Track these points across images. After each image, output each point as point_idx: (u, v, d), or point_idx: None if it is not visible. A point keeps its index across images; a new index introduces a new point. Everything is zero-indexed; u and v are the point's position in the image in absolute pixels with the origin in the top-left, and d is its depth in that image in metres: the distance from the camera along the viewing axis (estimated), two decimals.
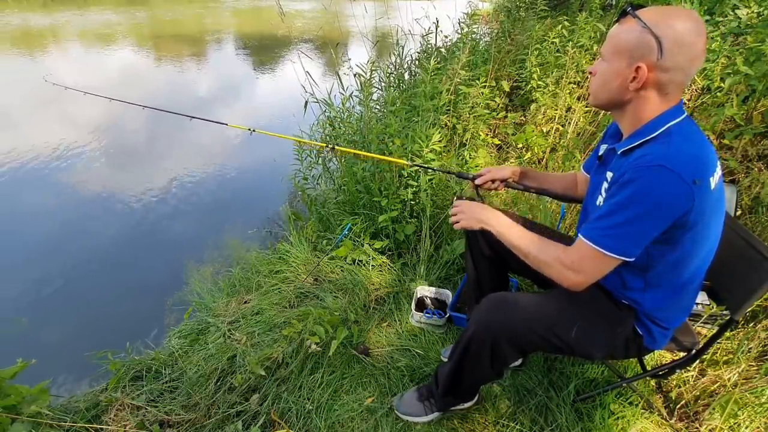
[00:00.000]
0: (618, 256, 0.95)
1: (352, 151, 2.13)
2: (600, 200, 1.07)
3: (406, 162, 1.84)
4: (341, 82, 2.86)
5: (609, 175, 1.04)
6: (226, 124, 2.12)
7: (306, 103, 2.78)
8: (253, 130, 2.00)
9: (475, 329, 1.13)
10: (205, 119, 2.11)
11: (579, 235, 1.00)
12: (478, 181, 1.47)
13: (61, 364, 2.16)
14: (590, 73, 1.05)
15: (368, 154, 2.10)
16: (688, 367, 1.39)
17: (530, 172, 1.48)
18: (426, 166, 1.95)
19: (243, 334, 1.86)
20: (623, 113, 1.02)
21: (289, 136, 2.23)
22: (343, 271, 2.16)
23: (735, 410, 1.37)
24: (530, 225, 1.37)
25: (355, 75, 2.77)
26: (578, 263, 0.99)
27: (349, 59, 2.90)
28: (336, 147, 1.98)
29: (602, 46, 1.00)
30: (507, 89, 3.39)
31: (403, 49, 3.57)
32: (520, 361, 1.61)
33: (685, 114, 0.97)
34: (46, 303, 2.65)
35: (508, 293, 1.20)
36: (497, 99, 3.28)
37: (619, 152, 1.03)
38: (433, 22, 3.57)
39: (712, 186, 0.92)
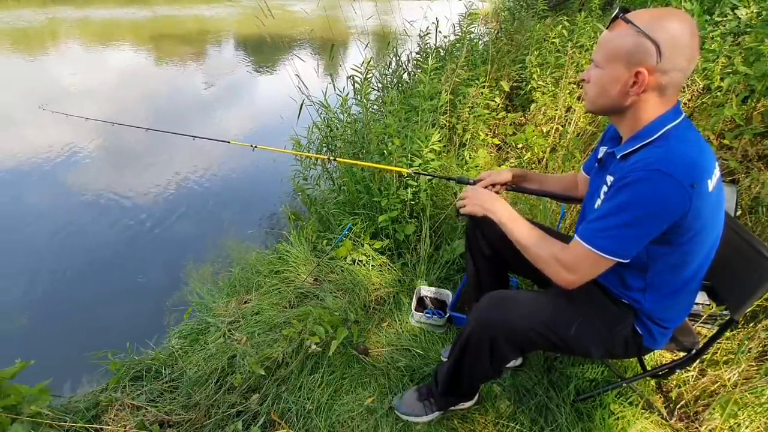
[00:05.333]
0: (612, 258, 0.96)
1: (353, 162, 2.17)
2: (598, 203, 1.07)
3: (406, 170, 1.85)
4: (334, 84, 2.86)
5: (609, 178, 1.04)
6: (228, 142, 2.19)
7: (301, 105, 2.78)
8: (255, 147, 2.04)
9: (474, 327, 1.13)
10: (208, 138, 2.18)
11: (575, 235, 1.01)
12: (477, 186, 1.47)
13: (61, 364, 2.16)
14: (583, 80, 1.05)
15: (369, 164, 2.13)
16: (688, 367, 1.39)
17: (530, 174, 1.48)
18: (426, 173, 1.96)
19: (243, 334, 1.86)
20: (622, 117, 1.02)
21: (291, 151, 2.32)
22: (343, 271, 2.15)
23: (735, 410, 1.37)
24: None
25: (348, 77, 2.77)
26: (573, 262, 1.00)
27: (343, 62, 2.91)
28: (337, 159, 2.02)
29: (594, 53, 1.00)
30: (507, 89, 3.39)
31: (397, 49, 3.57)
32: (520, 361, 1.61)
33: (683, 115, 0.97)
34: (47, 303, 2.65)
35: (508, 291, 1.21)
36: (497, 99, 3.28)
37: (618, 156, 1.04)
38: (432, 23, 3.57)
39: (710, 188, 0.92)
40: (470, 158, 2.94)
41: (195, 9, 14.78)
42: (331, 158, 2.01)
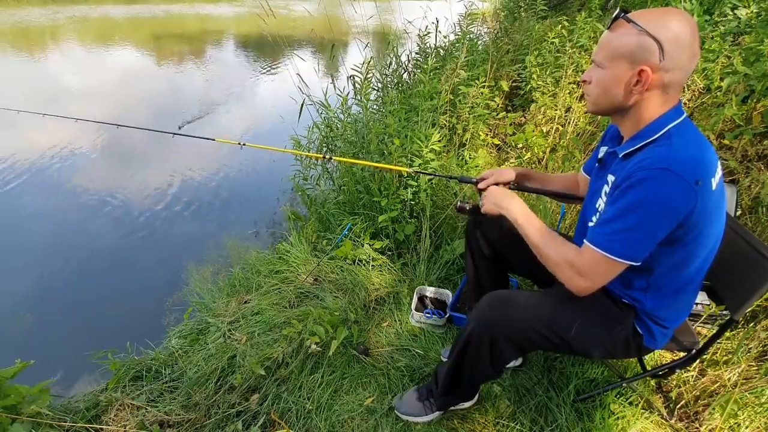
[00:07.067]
0: (626, 261, 0.95)
1: (350, 160, 2.13)
2: (600, 203, 1.07)
3: (406, 168, 1.84)
4: (335, 84, 2.86)
5: (610, 178, 1.04)
6: (213, 140, 2.04)
7: (302, 105, 2.78)
8: (243, 144, 1.94)
9: (474, 326, 1.13)
10: (189, 135, 2.07)
11: (585, 240, 1.00)
12: (481, 185, 1.46)
13: (61, 364, 2.16)
14: (584, 81, 1.04)
15: (367, 162, 2.10)
16: (688, 367, 1.39)
17: (532, 173, 1.48)
18: (428, 172, 1.94)
19: (243, 334, 1.86)
20: (624, 117, 1.02)
21: (280, 149, 2.18)
22: (343, 271, 2.15)
23: (735, 410, 1.37)
24: None
25: (349, 77, 2.77)
26: (587, 268, 0.99)
27: (343, 62, 2.92)
28: (333, 158, 1.94)
29: (595, 54, 1.00)
30: (506, 89, 3.39)
31: (397, 49, 3.57)
32: (520, 361, 1.61)
33: (684, 115, 0.97)
34: (47, 303, 2.65)
35: (508, 291, 1.20)
36: (497, 99, 3.28)
37: (620, 155, 1.03)
38: (432, 22, 3.57)
39: (713, 187, 0.92)
40: (470, 158, 2.94)
41: (200, 8, 14.85)
42: (328, 157, 1.95)
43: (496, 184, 1.44)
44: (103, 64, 7.98)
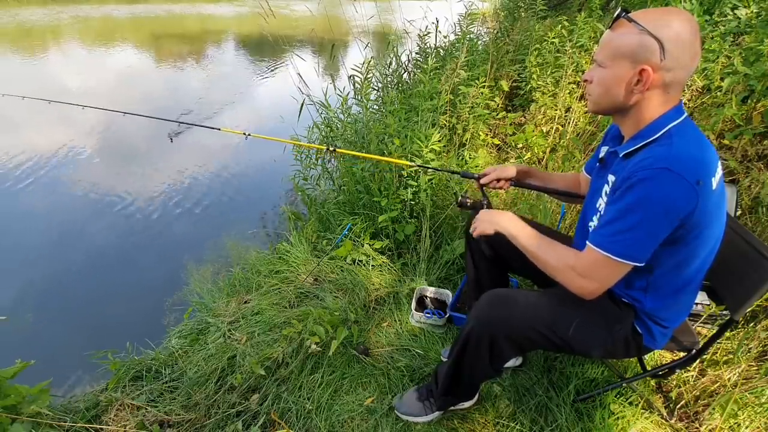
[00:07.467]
0: (629, 262, 0.95)
1: (353, 152, 2.12)
2: (601, 203, 1.07)
3: (408, 162, 1.83)
4: (335, 84, 2.86)
5: (611, 178, 1.04)
6: (219, 129, 2.06)
7: (302, 104, 2.78)
8: (248, 135, 1.95)
9: (474, 325, 1.14)
10: (195, 124, 2.08)
11: (587, 242, 1.00)
12: (483, 180, 1.47)
13: (61, 364, 2.17)
14: (585, 80, 1.05)
15: (368, 155, 2.09)
16: (688, 367, 1.39)
17: (534, 171, 1.49)
18: (430, 166, 1.94)
19: (243, 334, 1.86)
20: (625, 116, 1.02)
21: (285, 140, 2.19)
22: (343, 271, 2.15)
23: (735, 410, 1.37)
24: (531, 226, 1.38)
25: (349, 77, 2.77)
26: (590, 270, 0.99)
27: (343, 62, 2.92)
28: (336, 150, 1.95)
29: (597, 53, 1.00)
30: (506, 89, 3.39)
31: (397, 49, 3.57)
32: (520, 360, 1.61)
33: (685, 115, 0.97)
34: (47, 303, 2.65)
35: (509, 290, 1.21)
36: (497, 99, 3.28)
37: (621, 155, 1.03)
38: (432, 22, 3.57)
39: (714, 186, 0.92)
40: (470, 158, 2.94)
41: (201, 8, 14.90)
42: (330, 148, 1.95)
43: (498, 180, 1.46)
44: (105, 65, 7.99)
